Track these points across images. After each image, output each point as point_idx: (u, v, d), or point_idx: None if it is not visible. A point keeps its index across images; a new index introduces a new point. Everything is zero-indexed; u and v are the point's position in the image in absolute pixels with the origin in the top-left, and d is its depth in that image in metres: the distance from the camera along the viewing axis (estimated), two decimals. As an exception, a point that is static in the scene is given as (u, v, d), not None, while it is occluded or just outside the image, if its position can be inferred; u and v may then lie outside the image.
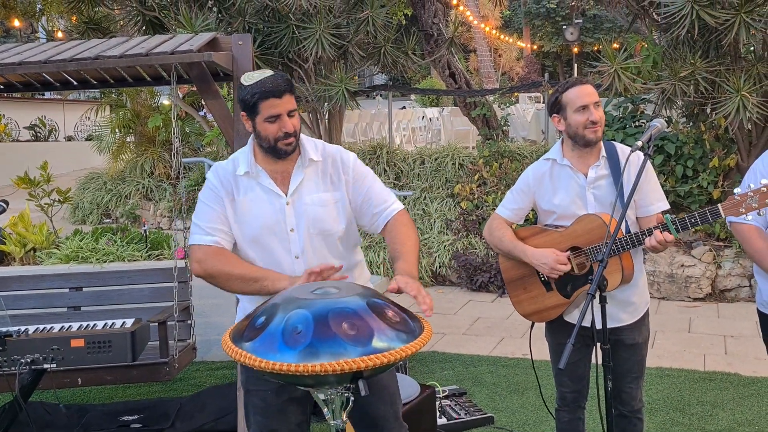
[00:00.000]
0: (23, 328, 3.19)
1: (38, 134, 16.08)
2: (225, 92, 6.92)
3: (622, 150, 2.62)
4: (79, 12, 7.53)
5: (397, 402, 2.41)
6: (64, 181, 9.33)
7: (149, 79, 4.06)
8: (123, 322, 3.29)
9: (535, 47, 26.56)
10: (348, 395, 1.88)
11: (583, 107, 2.53)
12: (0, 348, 2.85)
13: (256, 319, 1.88)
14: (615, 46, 11.65)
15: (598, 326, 2.40)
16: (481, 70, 21.95)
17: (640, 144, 2.45)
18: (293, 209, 2.24)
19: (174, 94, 3.89)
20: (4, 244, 5.51)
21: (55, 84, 4.10)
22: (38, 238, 5.50)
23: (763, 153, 2.68)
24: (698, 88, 5.67)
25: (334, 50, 6.29)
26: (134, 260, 5.19)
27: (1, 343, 2.85)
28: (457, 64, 9.47)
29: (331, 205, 2.26)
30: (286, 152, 2.20)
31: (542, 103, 11.39)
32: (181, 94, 9.96)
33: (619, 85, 5.71)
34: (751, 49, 6.08)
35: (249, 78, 2.17)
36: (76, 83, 4.11)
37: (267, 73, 2.17)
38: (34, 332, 3.19)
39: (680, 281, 6.14)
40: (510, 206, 2.75)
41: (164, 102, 10.25)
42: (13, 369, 2.85)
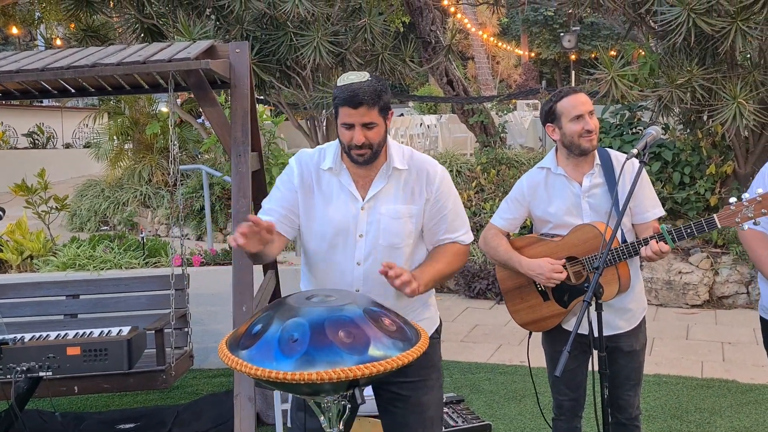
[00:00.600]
0: (19, 336, 3.18)
1: (36, 141, 16.07)
2: (222, 100, 6.92)
3: (617, 157, 2.63)
4: (78, 20, 7.54)
5: (437, 424, 2.35)
6: (62, 188, 9.33)
7: (147, 86, 4.05)
8: (119, 330, 3.28)
9: (533, 54, 26.63)
10: (345, 403, 1.88)
11: (578, 116, 2.54)
12: (-4, 356, 2.84)
13: (252, 326, 1.88)
14: (612, 53, 11.68)
15: (596, 333, 2.40)
16: (478, 78, 21.99)
17: (635, 151, 2.45)
18: (366, 215, 2.21)
19: (172, 102, 3.89)
20: (1, 251, 5.50)
21: (53, 91, 4.10)
22: (35, 246, 5.49)
23: None
24: (695, 96, 5.68)
25: (332, 57, 6.30)
26: (131, 268, 5.18)
27: (-3, 351, 2.84)
28: (455, 72, 9.49)
29: (405, 218, 2.22)
30: (357, 161, 2.17)
31: (539, 110, 11.41)
32: (180, 101, 9.98)
33: (616, 93, 5.73)
34: (748, 56, 6.10)
35: (343, 79, 2.14)
36: (73, 91, 4.11)
37: (361, 78, 2.12)
38: (30, 340, 3.19)
39: (678, 288, 6.14)
40: (505, 216, 2.74)
41: (162, 109, 10.25)
42: (9, 377, 2.84)
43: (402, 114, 18.17)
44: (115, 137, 10.33)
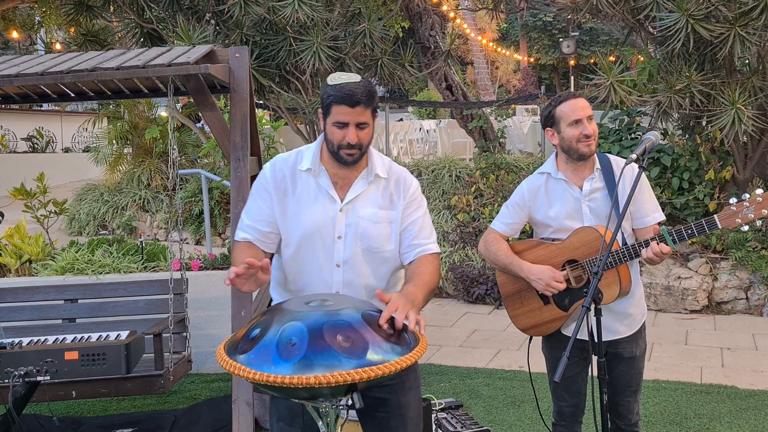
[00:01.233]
0: (17, 340, 3.17)
1: (36, 145, 16.09)
2: (222, 104, 6.93)
3: (616, 162, 2.63)
4: (78, 24, 7.54)
5: (416, 425, 2.35)
6: (62, 192, 9.33)
7: (146, 91, 4.06)
8: (117, 335, 3.28)
9: (532, 60, 26.68)
10: (343, 408, 1.88)
11: (577, 121, 2.55)
12: (-7, 360, 2.83)
13: (250, 331, 1.87)
14: (611, 59, 11.71)
15: (596, 339, 2.40)
16: (478, 83, 22.03)
17: (634, 156, 2.46)
18: (345, 217, 2.21)
19: (171, 106, 3.90)
20: (0, 255, 5.49)
21: (53, 96, 4.11)
22: (34, 250, 5.49)
23: None
24: (694, 101, 5.69)
25: (332, 62, 6.31)
26: (130, 272, 5.18)
27: (-5, 356, 2.84)
28: (454, 77, 9.51)
29: (384, 223, 2.24)
30: (346, 161, 2.18)
31: (539, 115, 11.44)
32: (180, 105, 9.99)
33: (615, 98, 5.74)
34: (746, 62, 6.11)
35: (334, 78, 2.15)
36: (73, 95, 4.12)
37: (354, 78, 2.14)
38: (27, 344, 3.18)
39: (677, 293, 6.14)
40: (505, 220, 2.75)
41: (162, 114, 10.26)
42: (6, 381, 2.83)
43: (401, 119, 18.20)
44: (114, 141, 10.35)
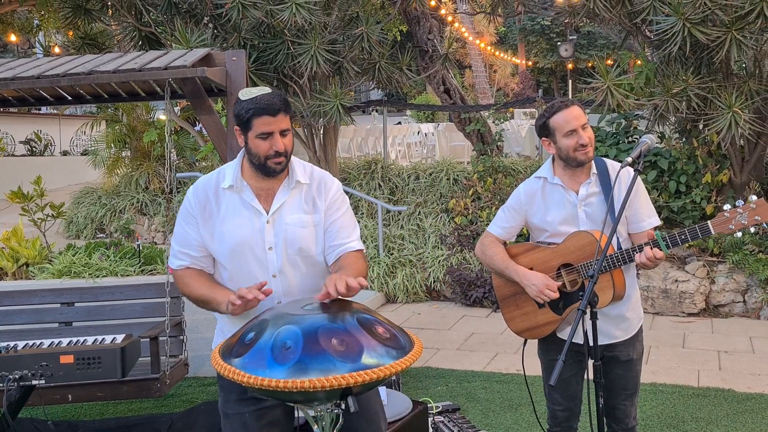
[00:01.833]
0: (12, 344, 3.16)
1: (34, 149, 16.07)
2: (219, 107, 6.92)
3: (613, 166, 2.63)
4: (76, 27, 7.55)
5: (380, 420, 2.36)
6: (60, 195, 9.31)
7: (143, 94, 4.06)
8: (113, 338, 3.27)
9: (530, 63, 26.71)
10: (337, 412, 1.87)
11: (572, 131, 2.55)
12: (-12, 364, 2.82)
13: (245, 335, 1.87)
14: (609, 62, 11.73)
15: (590, 342, 2.39)
16: (476, 86, 22.05)
17: (630, 160, 2.46)
18: (273, 228, 2.23)
19: (168, 110, 3.90)
20: (-3, 258, 5.49)
21: (50, 99, 4.10)
22: (31, 253, 5.48)
23: None
24: (690, 105, 5.70)
25: (329, 66, 6.32)
26: (127, 275, 5.17)
27: (-10, 359, 2.83)
28: (452, 80, 9.52)
29: (310, 227, 2.26)
30: (275, 171, 2.20)
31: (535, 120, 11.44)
32: (178, 108, 9.98)
33: (612, 101, 5.75)
34: (743, 65, 6.13)
35: (246, 93, 2.18)
36: (70, 98, 4.12)
37: (265, 90, 2.18)
38: (23, 348, 3.17)
39: (674, 296, 6.14)
40: (501, 224, 2.76)
41: (160, 117, 10.26)
42: (2, 385, 2.82)
43: (399, 122, 18.21)
44: (112, 145, 10.34)
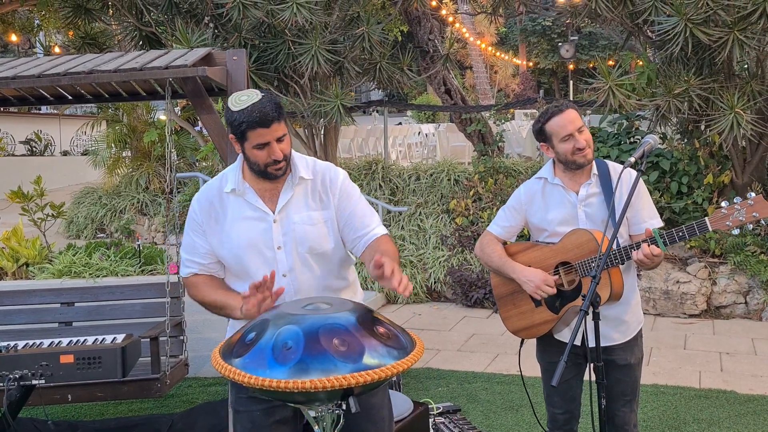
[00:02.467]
0: (12, 344, 3.15)
1: (34, 149, 16.07)
2: (220, 107, 6.91)
3: (614, 168, 2.63)
4: (76, 27, 7.54)
5: (388, 425, 2.34)
6: (60, 195, 9.30)
7: (144, 94, 4.05)
8: (114, 338, 3.26)
9: (531, 64, 26.72)
10: (339, 412, 1.86)
11: (568, 136, 2.55)
12: (-12, 364, 2.81)
13: (246, 335, 1.86)
14: (610, 63, 11.73)
15: (590, 344, 2.38)
16: (476, 87, 22.05)
17: (632, 160, 2.45)
18: (280, 227, 2.21)
19: (169, 109, 3.89)
20: (-3, 258, 5.48)
21: (50, 98, 4.09)
22: (31, 253, 5.48)
23: None
24: (692, 105, 5.69)
25: (330, 66, 6.31)
26: (127, 275, 5.16)
27: (-11, 359, 2.82)
28: (453, 81, 9.51)
29: (320, 223, 2.24)
30: (276, 176, 2.18)
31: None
32: (178, 108, 9.98)
33: (614, 102, 5.74)
34: (745, 66, 6.12)
35: (237, 103, 2.12)
36: (70, 98, 4.11)
37: (255, 97, 2.11)
38: (23, 348, 3.16)
39: (675, 298, 6.13)
40: (502, 224, 2.76)
41: (161, 117, 10.25)
42: (1, 385, 2.81)
43: (400, 123, 18.21)
44: (112, 145, 10.33)
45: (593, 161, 2.62)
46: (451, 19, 12.85)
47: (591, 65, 21.56)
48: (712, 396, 4.35)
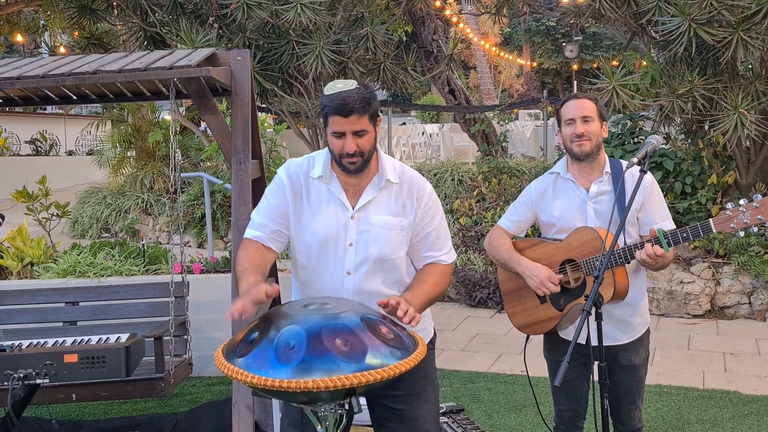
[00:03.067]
0: (17, 343, 3.16)
1: (39, 148, 16.12)
2: (224, 107, 6.93)
3: (630, 172, 2.61)
4: (81, 28, 7.57)
5: None
6: (65, 195, 9.33)
7: (148, 94, 4.05)
8: (118, 338, 3.27)
9: (535, 64, 26.69)
10: (341, 412, 1.87)
11: (571, 120, 2.57)
12: (-7, 363, 2.83)
13: (249, 334, 1.87)
14: (614, 63, 11.71)
15: (594, 344, 2.38)
16: (480, 87, 22.05)
17: (636, 160, 2.46)
18: (356, 225, 2.20)
19: (173, 109, 3.90)
20: (2, 258, 5.50)
21: (55, 98, 4.10)
22: (36, 252, 5.49)
23: None
24: (696, 105, 5.68)
25: (334, 66, 6.31)
26: (132, 275, 5.17)
27: (-6, 358, 2.83)
28: (457, 81, 9.52)
29: (396, 230, 2.22)
30: (348, 170, 2.16)
31: (541, 119, 11.44)
32: (183, 108, 10.00)
33: (617, 102, 5.74)
34: (749, 66, 6.10)
35: (330, 88, 2.13)
36: (75, 98, 4.12)
37: (350, 86, 2.11)
38: (27, 347, 3.17)
39: (679, 298, 6.12)
40: (512, 218, 2.79)
41: (165, 117, 10.28)
42: (6, 384, 2.82)
43: (404, 123, 18.22)
44: (117, 145, 10.37)
45: (606, 159, 2.63)
46: (455, 19, 12.85)
47: (595, 65, 21.54)
48: (716, 396, 4.34)
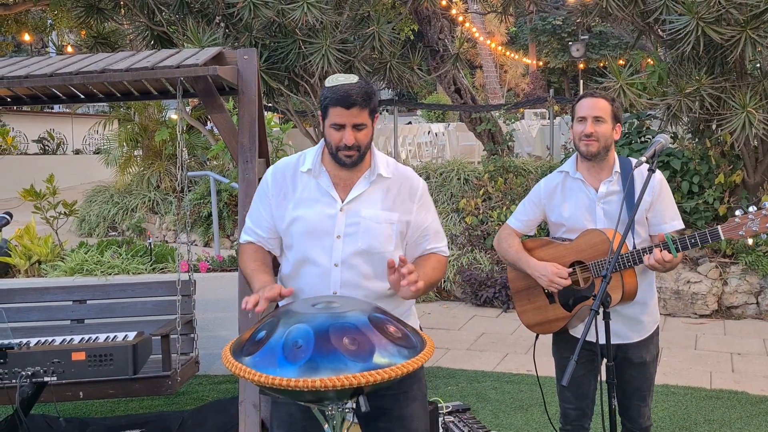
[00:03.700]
0: (24, 341, 3.17)
1: (46, 147, 16.19)
2: (230, 106, 6.94)
3: (639, 170, 2.60)
4: (88, 27, 7.60)
5: None
6: (72, 194, 9.37)
7: (155, 93, 4.06)
8: (125, 336, 3.28)
9: (541, 63, 26.61)
10: (348, 411, 1.87)
11: (581, 118, 2.57)
12: (0, 360, 2.84)
13: (256, 333, 1.87)
14: (621, 62, 11.67)
15: (602, 342, 2.38)
16: (486, 86, 22.01)
17: (643, 160, 2.45)
18: (345, 217, 2.21)
19: (180, 108, 3.90)
20: (9, 256, 5.52)
21: (62, 97, 4.12)
22: (43, 251, 5.51)
23: None
24: (704, 105, 5.66)
25: (340, 65, 6.31)
26: (139, 273, 5.19)
27: (2, 356, 2.84)
28: (463, 80, 9.50)
29: (386, 224, 2.23)
30: (344, 163, 2.18)
31: (547, 119, 11.41)
32: (189, 108, 10.02)
33: (624, 101, 5.72)
34: (757, 65, 6.07)
35: (332, 80, 2.15)
36: (82, 97, 4.13)
37: (352, 79, 2.14)
38: (35, 345, 3.18)
39: (686, 298, 6.10)
40: (521, 217, 2.78)
41: (172, 116, 10.30)
42: (14, 382, 2.84)
43: (410, 122, 18.20)
44: (124, 144, 10.39)
45: (616, 158, 2.62)
46: (461, 18, 12.83)
47: (601, 64, 21.47)
48: (723, 397, 4.32)
